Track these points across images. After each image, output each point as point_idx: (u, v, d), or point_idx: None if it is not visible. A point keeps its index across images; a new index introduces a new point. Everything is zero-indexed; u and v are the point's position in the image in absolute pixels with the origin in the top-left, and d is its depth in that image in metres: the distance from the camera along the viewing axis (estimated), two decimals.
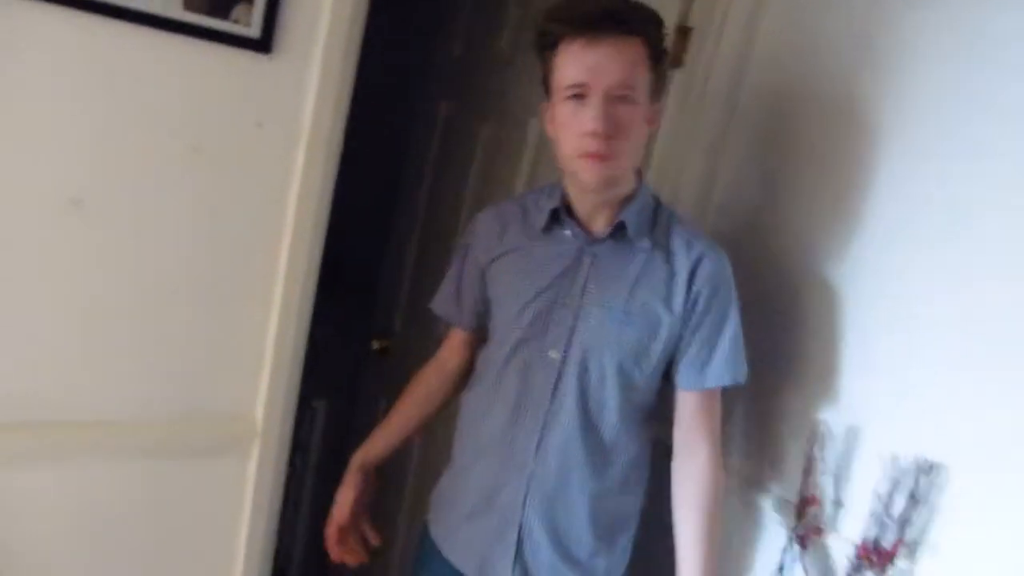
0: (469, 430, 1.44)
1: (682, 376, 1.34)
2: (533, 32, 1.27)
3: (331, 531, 1.50)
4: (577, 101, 1.22)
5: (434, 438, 1.78)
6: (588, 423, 1.33)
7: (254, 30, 1.23)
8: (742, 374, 1.36)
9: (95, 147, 1.21)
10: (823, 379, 1.44)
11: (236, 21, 1.22)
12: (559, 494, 1.34)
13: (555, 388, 1.32)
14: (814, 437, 1.42)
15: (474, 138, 2.07)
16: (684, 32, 1.62)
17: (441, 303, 1.52)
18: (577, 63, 1.21)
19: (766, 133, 1.61)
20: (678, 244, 1.33)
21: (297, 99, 1.30)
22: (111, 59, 1.18)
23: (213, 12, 1.20)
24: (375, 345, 2.35)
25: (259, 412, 1.43)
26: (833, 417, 1.41)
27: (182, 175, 1.28)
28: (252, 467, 1.47)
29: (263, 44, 1.25)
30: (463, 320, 1.49)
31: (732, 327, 1.34)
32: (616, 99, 1.21)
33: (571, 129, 1.23)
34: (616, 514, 1.40)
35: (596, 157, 1.22)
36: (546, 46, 1.25)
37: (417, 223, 2.29)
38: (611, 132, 1.21)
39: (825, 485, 1.41)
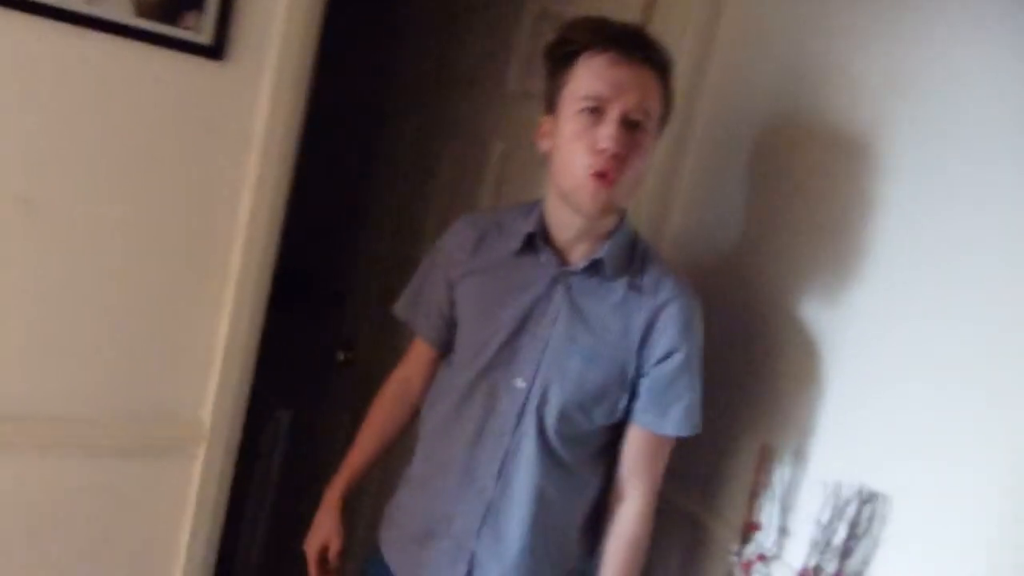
0: (429, 449, 1.40)
1: (639, 414, 1.30)
2: (550, 41, 1.25)
3: (333, 556, 1.46)
4: (592, 116, 1.19)
5: (389, 468, 1.76)
6: (548, 453, 1.30)
7: (206, 37, 1.24)
8: (698, 426, 1.33)
9: (45, 148, 1.22)
10: (772, 403, 1.43)
11: (188, 28, 1.23)
12: (514, 524, 1.31)
13: (520, 416, 1.29)
14: (761, 461, 1.40)
15: (440, 154, 2.07)
16: None
17: (404, 307, 1.47)
18: (601, 76, 1.18)
19: (731, 163, 1.57)
20: (649, 284, 1.30)
21: (249, 106, 1.31)
22: (62, 63, 1.19)
23: (165, 18, 1.21)
24: (341, 356, 2.34)
25: (206, 415, 1.42)
26: (780, 441, 1.40)
27: (132, 177, 1.28)
28: (197, 470, 1.46)
29: (215, 51, 1.25)
30: (424, 329, 1.45)
31: (697, 376, 1.31)
32: (630, 123, 1.18)
33: (581, 144, 1.19)
34: (573, 554, 1.37)
35: (605, 179, 1.18)
36: (565, 56, 1.22)
37: (386, 235, 2.28)
38: (623, 155, 1.18)
39: (771, 511, 1.40)
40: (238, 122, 1.31)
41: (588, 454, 1.34)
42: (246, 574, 2.58)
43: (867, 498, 1.26)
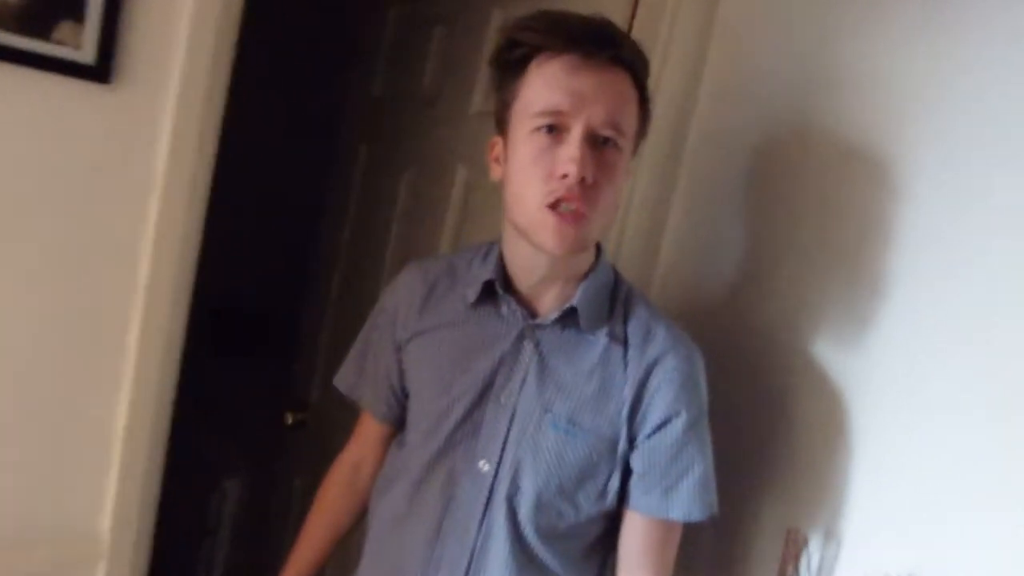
0: (378, 549, 1.16)
1: (639, 498, 1.06)
2: (498, 45, 1.01)
3: None
4: (550, 136, 0.96)
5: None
6: (524, 553, 1.05)
7: (86, 54, 0.99)
8: (712, 506, 1.08)
9: None
10: (793, 475, 1.24)
11: (61, 43, 0.97)
12: None
13: (486, 508, 1.05)
14: (787, 547, 1.18)
15: (396, 185, 1.85)
16: None
17: (346, 378, 1.24)
18: (559, 87, 0.96)
19: (729, 186, 1.39)
20: (636, 334, 1.07)
21: (146, 140, 1.05)
22: None
23: (31, 31, 0.96)
24: (289, 419, 2.08)
25: (104, 527, 1.14)
26: (807, 521, 1.20)
27: (3, 231, 1.01)
28: None
29: (99, 72, 1.00)
30: (372, 404, 1.22)
31: (705, 444, 1.07)
32: (599, 142, 0.97)
33: (538, 170, 0.97)
34: None
35: (568, 214, 0.96)
36: (513, 62, 0.99)
37: (336, 281, 2.04)
38: (591, 180, 0.96)
39: None
40: (133, 158, 1.05)
41: (577, 553, 1.09)
42: None
43: None
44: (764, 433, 1.28)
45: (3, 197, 1.01)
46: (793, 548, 1.19)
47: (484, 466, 1.05)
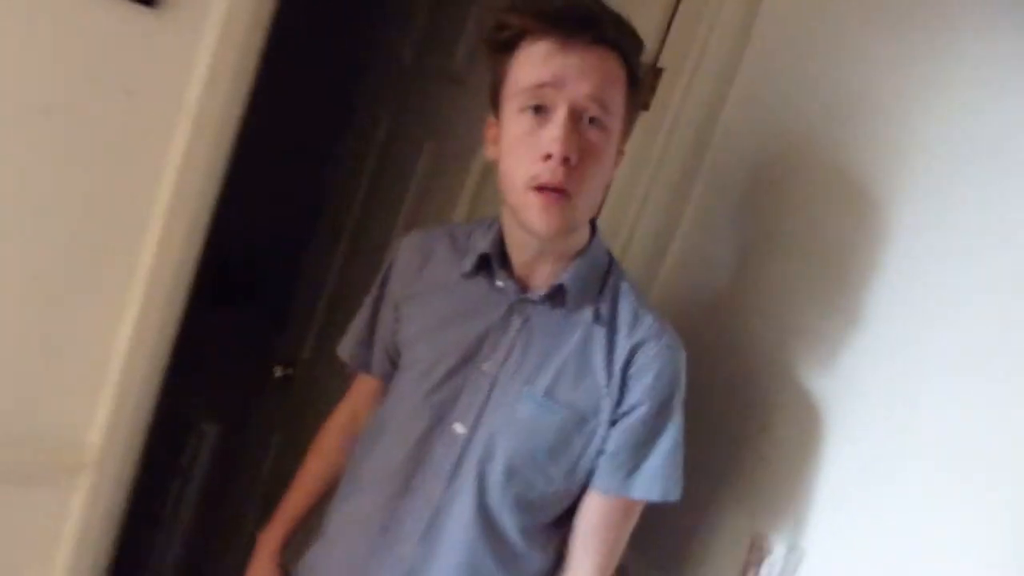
0: (346, 499, 1.18)
1: (601, 477, 1.09)
2: (489, 26, 1.04)
3: None
4: (536, 116, 0.99)
5: None
6: (487, 521, 1.07)
7: None
8: (675, 490, 1.11)
9: None
10: (763, 484, 1.27)
11: None
12: None
13: (455, 470, 1.07)
14: (752, 555, 1.20)
15: (415, 157, 1.86)
16: (655, 73, 1.42)
17: (350, 346, 1.26)
18: (542, 64, 0.98)
19: (740, 196, 1.43)
20: (623, 320, 1.09)
21: (182, 66, 1.06)
22: None
23: None
24: (278, 372, 2.10)
25: (94, 438, 1.16)
26: (773, 530, 1.22)
27: (24, 142, 1.03)
28: (77, 503, 1.19)
29: None
30: (375, 366, 1.25)
31: (673, 432, 1.09)
32: (585, 120, 0.99)
33: (524, 150, 0.99)
34: None
35: (554, 193, 0.98)
36: (503, 44, 1.01)
37: (343, 242, 2.06)
38: (576, 160, 0.97)
39: None
40: (169, 83, 1.06)
41: (538, 527, 1.11)
42: None
43: None
44: (739, 439, 1.30)
45: (37, 106, 1.02)
46: (756, 555, 1.21)
47: (459, 428, 1.07)
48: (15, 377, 1.11)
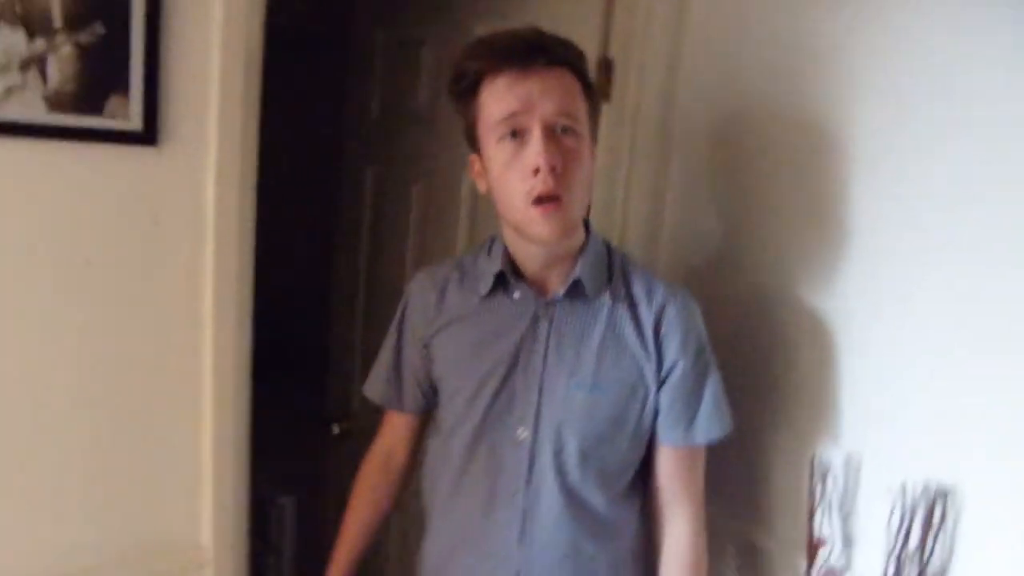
0: (438, 532, 1.29)
1: (666, 433, 1.21)
2: (449, 77, 1.14)
3: None
4: (513, 141, 1.09)
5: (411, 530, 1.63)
6: (575, 503, 1.18)
7: (134, 122, 1.11)
8: (728, 424, 1.24)
9: None
10: (815, 412, 1.36)
11: (112, 116, 1.10)
12: None
13: (529, 471, 1.17)
14: (813, 474, 1.30)
15: (407, 200, 1.96)
16: (607, 65, 1.53)
17: (377, 386, 1.34)
18: (508, 96, 1.08)
19: (714, 162, 1.52)
20: (639, 294, 1.20)
21: (195, 189, 1.18)
22: None
23: (83, 110, 1.08)
24: (335, 429, 2.20)
25: (205, 537, 1.27)
26: (829, 449, 1.31)
27: (78, 290, 1.14)
28: None
29: (147, 136, 1.12)
30: (404, 403, 1.33)
31: (713, 375, 1.22)
32: (559, 132, 1.09)
33: (513, 173, 1.09)
34: None
35: (550, 203, 1.08)
36: (467, 89, 1.12)
37: (358, 295, 2.16)
38: (561, 167, 1.08)
39: (833, 524, 1.30)
40: (185, 208, 1.18)
41: (619, 493, 1.22)
42: None
43: (936, 495, 1.16)
44: (767, 371, 1.40)
45: (76, 255, 1.13)
46: (817, 472, 1.31)
47: (522, 433, 1.17)
48: (126, 502, 1.23)
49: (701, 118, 1.53)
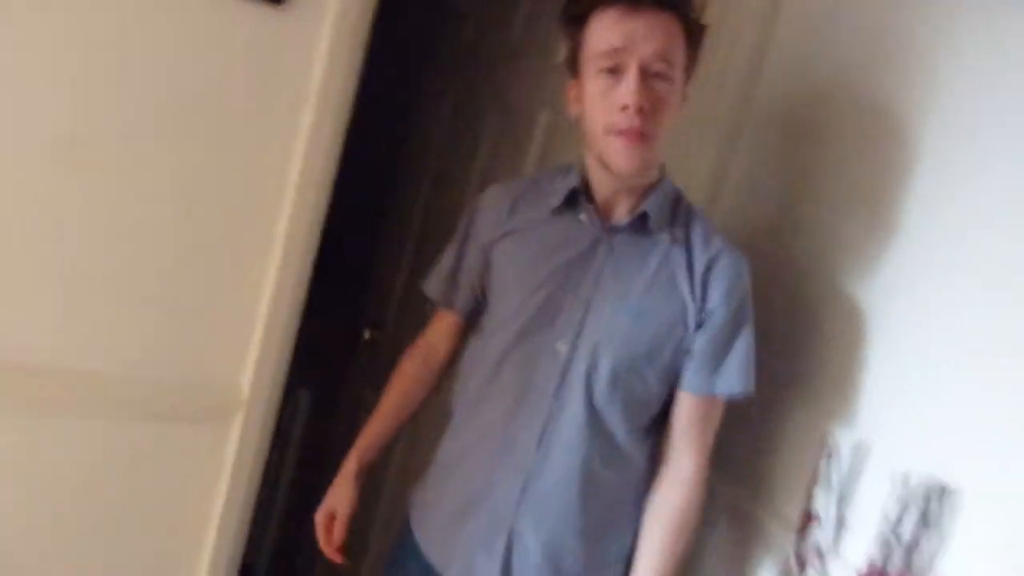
0: (463, 425, 1.34)
1: (689, 378, 1.25)
2: (565, 3, 1.20)
3: (338, 526, 1.39)
4: (611, 76, 1.15)
5: (417, 442, 1.70)
6: (596, 423, 1.24)
7: None
8: (751, 384, 1.27)
9: (92, 89, 1.15)
10: (832, 391, 1.38)
11: None
12: (557, 498, 1.25)
13: (560, 383, 1.23)
14: (820, 452, 1.35)
15: (482, 127, 2.01)
16: (700, 29, 1.56)
17: (436, 284, 1.40)
18: (613, 30, 1.13)
19: (787, 131, 1.55)
20: (697, 240, 1.25)
21: (307, 57, 1.25)
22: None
23: None
24: (366, 335, 2.27)
25: (245, 384, 1.35)
26: (841, 431, 1.35)
27: (179, 130, 1.22)
28: (234, 438, 1.40)
29: None
30: (456, 302, 1.39)
31: (748, 333, 1.26)
32: (652, 75, 1.14)
33: (604, 105, 1.15)
34: (623, 535, 1.31)
35: (633, 136, 1.14)
36: (577, 16, 1.18)
37: (418, 211, 2.22)
38: (648, 108, 1.13)
39: (829, 503, 1.35)
40: (295, 75, 1.25)
41: (639, 426, 1.27)
42: (261, 556, 2.52)
43: (938, 491, 1.20)
44: (799, 351, 1.41)
45: (191, 97, 1.20)
46: (824, 450, 1.36)
47: (561, 347, 1.22)
48: (182, 332, 1.31)
49: (781, 94, 1.56)
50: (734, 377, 1.25)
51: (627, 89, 1.13)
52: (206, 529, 1.39)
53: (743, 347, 1.25)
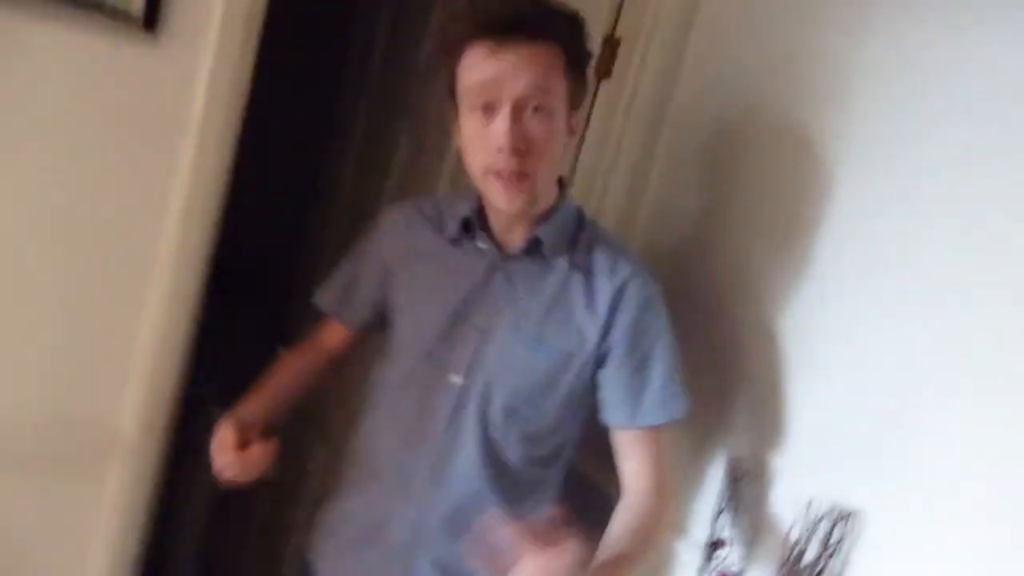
0: (362, 453, 1.32)
1: (612, 413, 1.23)
2: (437, 32, 1.16)
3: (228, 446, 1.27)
4: (485, 113, 1.09)
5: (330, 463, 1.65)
6: (491, 456, 1.21)
7: (136, 5, 1.10)
8: (679, 409, 1.24)
9: None
10: (741, 416, 1.39)
11: None
12: (454, 530, 1.21)
13: (452, 415, 1.20)
14: (728, 476, 1.35)
15: (396, 136, 1.96)
16: (613, 43, 1.55)
17: (328, 296, 1.37)
18: (484, 65, 1.07)
19: (700, 155, 1.55)
20: (601, 266, 1.22)
21: (185, 86, 1.18)
22: None
23: None
24: (282, 352, 2.21)
25: (126, 423, 1.28)
26: (749, 456, 1.35)
27: (47, 160, 1.15)
28: (111, 488, 1.32)
29: (147, 22, 1.12)
30: (348, 317, 1.36)
31: (665, 359, 1.22)
32: (531, 110, 1.09)
33: (480, 144, 1.10)
34: None
35: (511, 179, 1.10)
36: (449, 51, 1.12)
37: (334, 228, 2.17)
38: (525, 148, 1.09)
39: (737, 528, 1.35)
40: (172, 104, 1.18)
41: (542, 456, 1.25)
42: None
43: (840, 516, 1.21)
44: (709, 375, 1.42)
45: (57, 132, 1.14)
46: (734, 475, 1.36)
47: (455, 379, 1.19)
48: (47, 368, 1.24)
49: (696, 107, 1.55)
50: (656, 406, 1.22)
51: (500, 129, 1.08)
52: None
53: (660, 375, 1.22)
